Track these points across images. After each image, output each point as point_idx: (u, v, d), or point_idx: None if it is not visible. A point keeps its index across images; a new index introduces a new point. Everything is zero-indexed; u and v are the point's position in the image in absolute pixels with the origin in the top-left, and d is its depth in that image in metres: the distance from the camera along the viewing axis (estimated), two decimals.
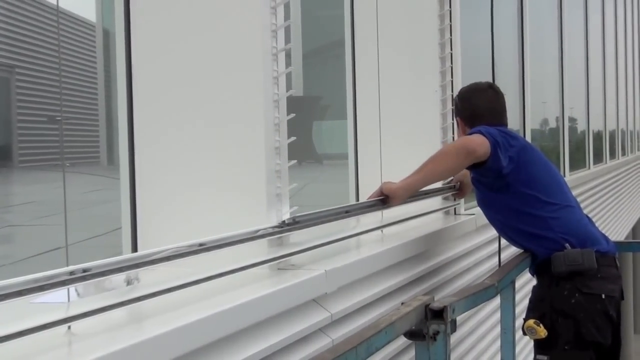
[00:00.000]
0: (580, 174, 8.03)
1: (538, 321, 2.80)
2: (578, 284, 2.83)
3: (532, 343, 2.98)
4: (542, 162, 3.07)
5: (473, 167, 2.93)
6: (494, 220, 3.15)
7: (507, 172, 2.87)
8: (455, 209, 3.73)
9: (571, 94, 7.95)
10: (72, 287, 1.50)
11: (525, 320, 2.88)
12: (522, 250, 3.11)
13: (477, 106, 3.12)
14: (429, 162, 2.81)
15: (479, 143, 2.81)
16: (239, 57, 2.10)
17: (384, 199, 2.72)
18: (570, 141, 7.77)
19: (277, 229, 2.09)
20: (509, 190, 2.93)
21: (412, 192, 2.81)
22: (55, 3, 2.10)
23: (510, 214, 2.99)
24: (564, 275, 2.85)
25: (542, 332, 2.77)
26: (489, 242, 3.90)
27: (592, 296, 2.82)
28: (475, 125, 2.99)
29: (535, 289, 3.02)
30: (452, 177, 3.41)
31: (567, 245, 2.88)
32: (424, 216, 3.29)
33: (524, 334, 2.90)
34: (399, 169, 2.76)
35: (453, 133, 3.60)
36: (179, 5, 2.16)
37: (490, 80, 3.49)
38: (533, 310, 2.93)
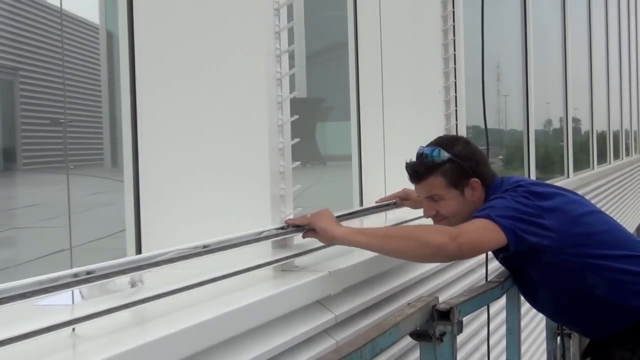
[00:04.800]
0: (584, 174, 8.02)
1: None
2: None
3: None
4: (594, 211, 2.53)
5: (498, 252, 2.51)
6: (552, 304, 2.63)
7: (552, 244, 2.35)
8: None
9: (575, 95, 7.94)
10: (76, 290, 1.50)
11: None
12: None
13: (480, 153, 2.56)
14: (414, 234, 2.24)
15: (489, 238, 2.27)
16: (242, 59, 2.10)
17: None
18: (574, 142, 7.76)
19: (281, 231, 2.08)
20: (568, 264, 2.40)
21: (355, 245, 2.23)
22: (58, 5, 2.10)
23: (578, 292, 2.47)
24: None
25: None
26: None
27: None
28: (487, 179, 2.50)
29: (614, 350, 2.55)
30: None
31: None
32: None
33: None
34: (402, 170, 2.74)
35: (456, 134, 3.59)
36: (182, 7, 2.16)
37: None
38: None
